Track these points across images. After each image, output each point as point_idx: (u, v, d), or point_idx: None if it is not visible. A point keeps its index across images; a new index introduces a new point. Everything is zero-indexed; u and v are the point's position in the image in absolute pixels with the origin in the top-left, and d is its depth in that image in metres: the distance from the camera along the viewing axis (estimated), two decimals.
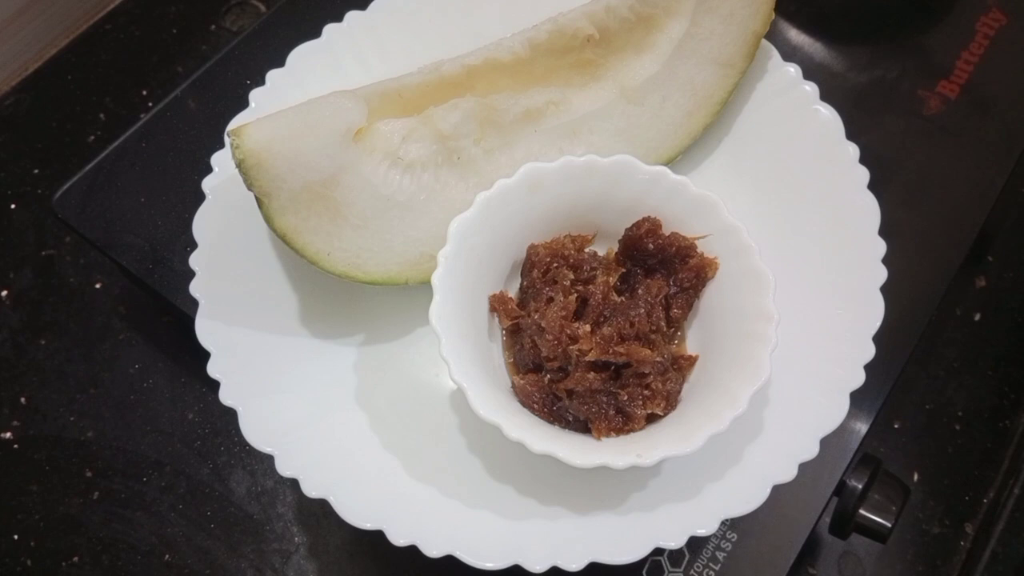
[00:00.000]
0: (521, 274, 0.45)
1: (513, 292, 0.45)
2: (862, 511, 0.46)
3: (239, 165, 0.41)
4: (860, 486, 0.46)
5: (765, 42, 0.49)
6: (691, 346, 0.44)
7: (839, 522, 0.47)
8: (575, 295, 0.43)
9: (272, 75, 0.50)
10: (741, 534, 0.46)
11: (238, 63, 0.59)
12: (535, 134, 0.47)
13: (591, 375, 0.40)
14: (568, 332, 0.41)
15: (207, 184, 0.48)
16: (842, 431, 0.42)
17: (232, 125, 0.48)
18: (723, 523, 0.41)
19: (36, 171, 0.68)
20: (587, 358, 0.40)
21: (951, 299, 0.61)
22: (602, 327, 0.42)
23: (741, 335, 0.41)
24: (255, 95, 0.50)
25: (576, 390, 0.40)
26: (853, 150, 0.47)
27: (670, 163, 0.48)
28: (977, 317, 0.61)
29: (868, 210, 0.46)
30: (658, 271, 0.44)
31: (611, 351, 0.40)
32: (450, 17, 0.53)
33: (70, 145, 0.69)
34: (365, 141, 0.44)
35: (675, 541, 0.40)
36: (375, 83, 0.46)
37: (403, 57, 0.51)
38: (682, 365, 0.43)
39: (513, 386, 0.43)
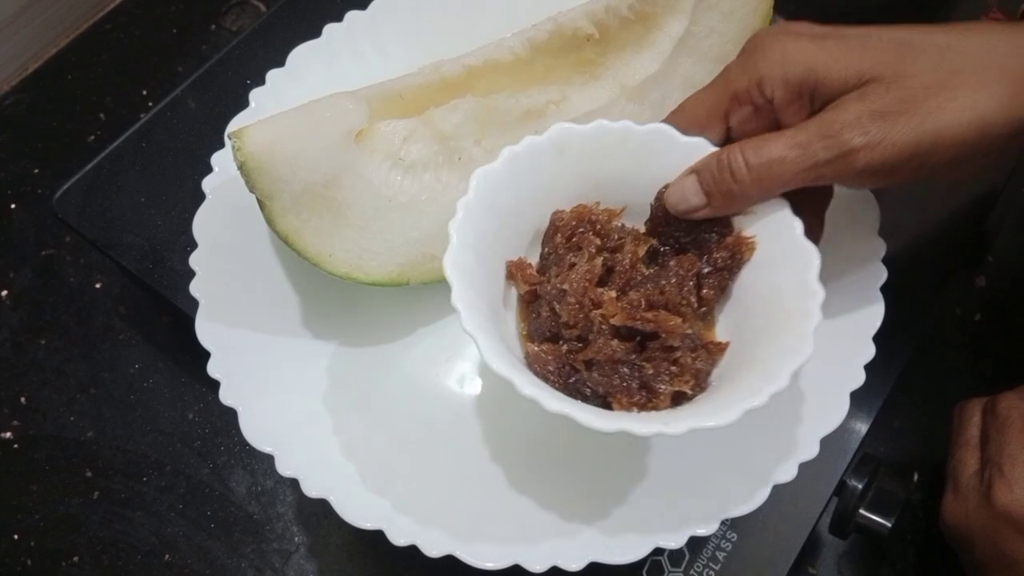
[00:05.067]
0: (543, 242, 0.42)
1: (534, 261, 0.43)
2: (862, 511, 0.46)
3: (241, 168, 0.41)
4: (860, 486, 0.46)
5: None
6: (721, 334, 0.41)
7: (839, 522, 0.47)
8: (600, 259, 0.40)
9: (272, 75, 0.50)
10: (741, 534, 0.46)
11: (238, 63, 0.58)
12: (536, 134, 0.47)
13: (614, 343, 0.37)
14: (591, 296, 0.38)
15: (207, 184, 0.48)
16: (842, 431, 0.42)
17: (232, 125, 0.48)
18: (723, 523, 0.41)
19: (36, 171, 0.68)
20: (612, 322, 0.37)
21: (951, 299, 0.61)
22: (628, 294, 0.39)
23: (781, 313, 0.38)
24: (255, 95, 0.50)
25: (597, 360, 0.37)
26: None
27: None
28: (977, 317, 0.61)
29: (868, 210, 0.46)
30: (690, 251, 0.41)
31: (638, 316, 0.37)
32: (450, 17, 0.53)
33: (70, 145, 0.69)
34: (366, 142, 0.44)
35: (675, 541, 0.40)
36: (376, 84, 0.46)
37: (403, 57, 0.51)
38: (712, 350, 0.39)
39: (527, 355, 0.39)
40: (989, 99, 0.35)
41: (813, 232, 0.39)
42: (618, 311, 0.38)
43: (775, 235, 0.39)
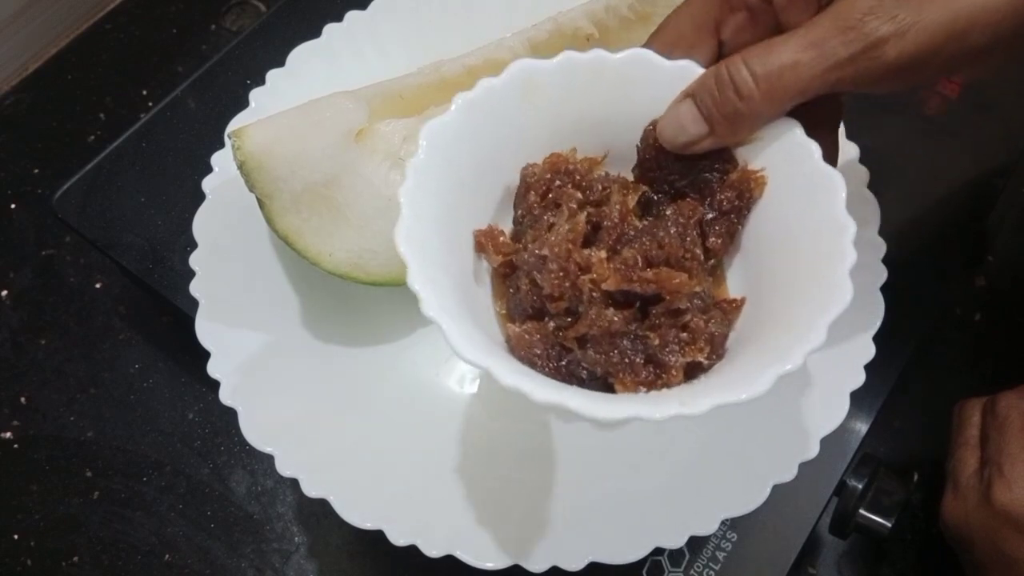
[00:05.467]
0: (514, 204, 0.36)
1: (505, 228, 0.37)
2: (862, 511, 0.46)
3: (240, 167, 0.41)
4: (860, 486, 0.46)
5: None
6: (733, 289, 0.36)
7: (839, 522, 0.47)
8: (584, 215, 0.34)
9: (272, 75, 0.50)
10: (741, 534, 0.46)
11: (238, 63, 0.58)
12: None
13: (609, 312, 0.32)
14: (577, 259, 0.32)
15: (207, 184, 0.48)
16: (842, 431, 0.42)
17: (232, 125, 0.48)
18: (723, 523, 0.41)
19: (36, 171, 0.68)
20: (604, 287, 0.32)
21: (951, 299, 0.61)
22: (621, 253, 0.33)
23: (805, 256, 0.32)
24: (255, 95, 0.50)
25: (591, 335, 0.31)
26: (853, 150, 0.47)
27: None
28: (977, 317, 0.61)
29: (868, 210, 0.46)
30: (688, 195, 0.35)
31: (635, 277, 0.32)
32: (450, 17, 0.53)
33: (70, 145, 0.69)
34: (366, 142, 0.44)
35: (675, 541, 0.40)
36: (375, 84, 0.46)
37: (403, 57, 0.51)
38: (727, 309, 0.34)
39: (508, 339, 0.33)
40: None
41: (829, 157, 0.34)
42: (610, 274, 0.32)
43: (789, 164, 0.33)
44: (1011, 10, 0.31)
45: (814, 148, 0.33)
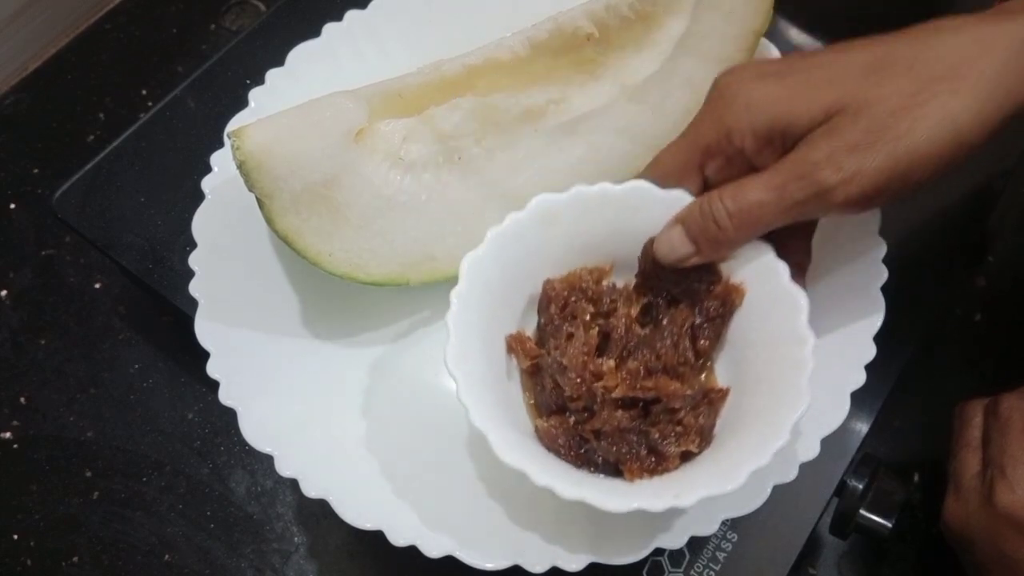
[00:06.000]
0: (538, 311, 0.43)
1: (530, 331, 0.43)
2: (862, 511, 0.46)
3: (240, 167, 0.41)
4: (860, 486, 0.46)
5: (765, 40, 0.49)
6: (720, 379, 0.42)
7: (839, 522, 0.47)
8: (596, 329, 0.41)
9: (272, 74, 0.50)
10: (741, 534, 0.46)
11: (238, 63, 0.58)
12: (536, 133, 0.47)
13: (619, 413, 0.39)
14: (592, 369, 0.40)
15: (207, 184, 0.48)
16: (842, 431, 0.42)
17: (232, 125, 0.48)
18: (723, 523, 0.41)
19: (36, 171, 0.68)
20: (613, 395, 0.39)
21: (951, 299, 0.61)
22: (627, 361, 0.40)
23: (775, 362, 0.39)
24: (255, 94, 0.50)
25: (604, 430, 0.39)
26: None
27: None
28: (977, 317, 0.61)
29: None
30: (681, 301, 0.42)
31: (638, 386, 0.39)
32: (450, 16, 0.53)
33: (70, 145, 0.69)
34: (366, 141, 0.44)
35: (675, 541, 0.40)
36: (375, 83, 0.46)
37: (403, 56, 0.51)
38: (713, 399, 0.40)
39: (536, 430, 0.40)
40: (962, 109, 0.35)
41: (801, 260, 0.41)
42: (619, 383, 0.39)
43: (762, 281, 0.40)
44: (953, 144, 0.35)
45: (782, 269, 0.39)
